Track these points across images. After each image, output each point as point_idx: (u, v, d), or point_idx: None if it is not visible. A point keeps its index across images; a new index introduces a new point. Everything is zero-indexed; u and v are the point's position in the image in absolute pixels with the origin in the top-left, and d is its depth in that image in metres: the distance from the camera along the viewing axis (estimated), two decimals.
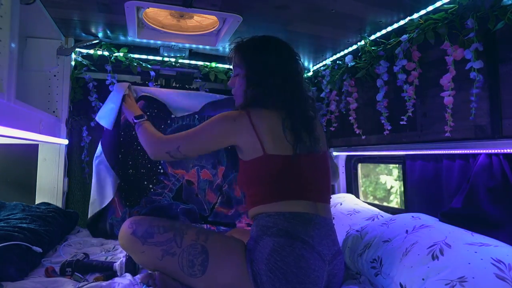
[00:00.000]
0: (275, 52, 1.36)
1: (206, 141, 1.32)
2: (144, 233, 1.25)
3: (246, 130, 1.27)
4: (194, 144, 1.33)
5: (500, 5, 1.26)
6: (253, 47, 1.39)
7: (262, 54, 1.36)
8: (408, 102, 1.73)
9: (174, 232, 1.23)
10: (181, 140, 1.35)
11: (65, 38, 2.14)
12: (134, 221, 1.30)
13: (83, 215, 2.21)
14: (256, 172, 1.28)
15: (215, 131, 1.31)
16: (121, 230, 1.31)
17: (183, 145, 1.33)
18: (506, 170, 1.33)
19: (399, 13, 1.67)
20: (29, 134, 1.54)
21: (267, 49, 1.36)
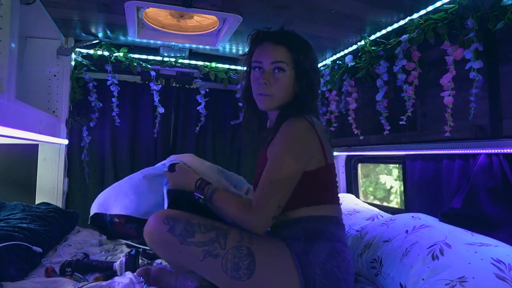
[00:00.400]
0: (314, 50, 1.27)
1: (295, 175, 1.13)
2: (183, 231, 1.10)
3: (315, 142, 1.16)
4: (288, 188, 1.13)
5: (500, 5, 1.26)
6: (305, 42, 1.25)
7: (312, 51, 1.25)
8: (408, 102, 1.72)
9: (216, 232, 1.10)
10: (273, 193, 1.11)
11: (65, 38, 2.14)
12: (169, 216, 1.13)
13: (83, 215, 2.21)
14: (311, 182, 1.17)
15: (301, 160, 1.14)
16: (152, 226, 1.14)
17: (281, 198, 1.12)
18: (506, 170, 1.33)
19: (399, 13, 1.67)
20: (29, 134, 1.54)
21: (311, 46, 1.26)
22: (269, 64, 1.19)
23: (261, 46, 1.23)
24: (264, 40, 1.23)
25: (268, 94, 1.20)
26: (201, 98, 2.42)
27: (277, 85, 1.20)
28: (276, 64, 1.19)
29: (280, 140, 1.15)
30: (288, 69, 1.19)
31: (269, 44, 1.21)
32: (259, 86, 1.21)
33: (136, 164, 2.38)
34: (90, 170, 2.28)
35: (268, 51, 1.21)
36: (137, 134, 2.39)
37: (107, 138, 2.32)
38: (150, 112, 2.37)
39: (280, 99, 1.21)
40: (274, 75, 1.19)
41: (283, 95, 1.21)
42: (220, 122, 2.58)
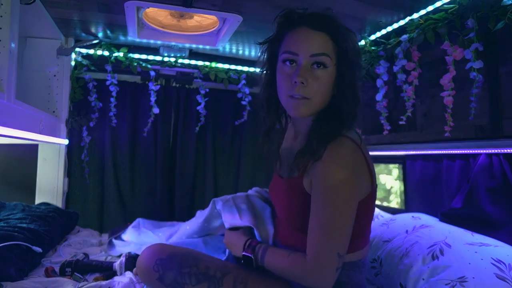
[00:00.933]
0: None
1: (354, 213, 0.92)
2: (173, 281, 0.99)
3: (364, 167, 0.96)
4: (349, 232, 0.91)
5: (500, 5, 1.26)
6: (350, 30, 0.97)
7: (358, 43, 0.98)
8: (408, 102, 1.72)
9: (208, 283, 0.99)
10: (332, 243, 0.90)
11: (65, 38, 2.14)
12: (160, 262, 1.01)
13: (83, 215, 2.21)
14: (358, 213, 0.94)
15: (357, 194, 0.93)
16: (143, 267, 1.04)
17: (342, 245, 0.91)
18: (506, 170, 1.33)
19: (399, 13, 1.67)
20: (29, 134, 1.54)
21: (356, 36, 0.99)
22: (308, 57, 0.91)
23: (296, 32, 0.94)
24: (300, 24, 0.94)
25: (305, 96, 0.92)
26: (201, 98, 2.42)
27: (316, 85, 0.91)
28: (316, 57, 0.90)
29: (329, 173, 0.88)
30: (331, 64, 0.92)
31: (307, 30, 0.92)
32: (292, 86, 0.92)
33: (136, 164, 2.38)
34: (90, 170, 2.28)
35: (306, 40, 0.91)
36: (137, 134, 2.39)
37: (107, 138, 2.32)
38: (150, 112, 2.37)
39: (318, 103, 0.94)
40: (312, 72, 0.91)
41: (322, 99, 0.94)
42: (220, 122, 2.58)
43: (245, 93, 2.47)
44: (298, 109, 0.94)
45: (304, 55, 0.92)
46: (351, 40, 0.95)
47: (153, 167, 2.41)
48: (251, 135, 2.61)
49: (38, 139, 1.73)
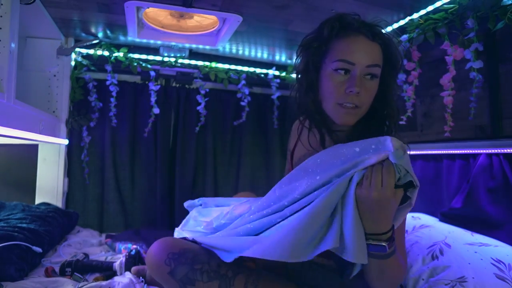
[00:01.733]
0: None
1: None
2: (184, 277, 1.00)
3: None
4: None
5: (500, 5, 1.26)
6: (394, 41, 0.98)
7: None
8: (408, 102, 1.73)
9: (219, 282, 0.99)
10: (404, 245, 1.00)
11: (65, 38, 2.14)
12: (173, 256, 1.01)
13: (83, 215, 2.21)
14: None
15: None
16: (153, 261, 1.03)
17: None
18: (506, 170, 1.33)
19: (399, 13, 1.67)
20: (29, 134, 1.54)
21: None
22: (364, 67, 0.91)
23: (353, 41, 0.93)
24: (359, 32, 0.93)
25: (356, 105, 0.92)
26: (201, 98, 2.42)
27: (368, 95, 0.92)
28: (371, 68, 0.91)
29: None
30: (380, 75, 0.94)
31: (365, 40, 0.92)
32: (345, 95, 0.91)
33: (136, 164, 2.38)
34: (90, 170, 2.28)
35: (363, 50, 0.91)
36: (137, 134, 2.39)
37: (107, 138, 2.32)
38: (150, 112, 2.37)
39: (364, 113, 0.95)
40: (364, 82, 0.91)
41: (368, 106, 0.94)
42: (220, 122, 2.58)
43: (245, 94, 2.47)
44: (348, 118, 0.94)
45: (360, 65, 0.91)
46: (398, 51, 0.97)
47: (153, 167, 2.41)
48: (251, 135, 2.61)
49: (38, 139, 1.73)
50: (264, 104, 2.65)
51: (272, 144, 2.66)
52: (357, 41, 0.92)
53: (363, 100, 0.92)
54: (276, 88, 2.56)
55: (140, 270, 1.33)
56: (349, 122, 0.94)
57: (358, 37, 0.93)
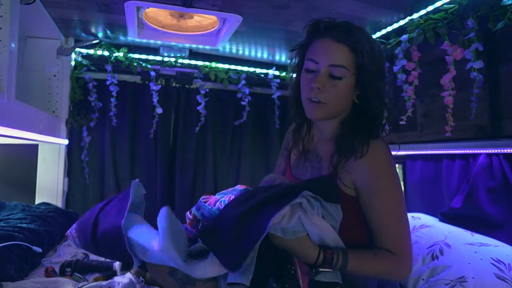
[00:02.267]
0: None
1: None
2: (183, 276, 0.98)
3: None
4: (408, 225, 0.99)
5: (500, 5, 1.26)
6: (373, 41, 1.02)
7: (381, 51, 1.03)
8: (408, 102, 1.73)
9: (219, 281, 0.97)
10: (407, 231, 0.96)
11: (65, 38, 2.14)
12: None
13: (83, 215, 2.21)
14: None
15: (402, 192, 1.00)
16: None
17: (410, 237, 0.97)
18: (506, 170, 1.33)
19: (399, 13, 1.67)
20: (29, 134, 1.54)
21: (380, 45, 1.04)
22: (326, 66, 0.97)
23: (320, 42, 1.00)
24: (324, 34, 1.00)
25: (320, 101, 0.98)
26: (201, 98, 2.42)
27: (333, 92, 0.98)
28: (334, 68, 0.97)
29: (386, 170, 0.97)
30: (348, 74, 0.97)
31: (330, 41, 0.98)
32: (310, 90, 0.99)
33: (136, 164, 2.38)
34: (90, 170, 2.28)
35: (326, 50, 0.98)
36: (137, 134, 2.39)
37: (107, 138, 2.32)
38: (150, 112, 2.37)
39: (335, 109, 1.00)
40: (330, 80, 0.98)
41: (339, 105, 1.00)
42: (220, 122, 2.58)
43: (245, 93, 2.47)
44: (314, 112, 1.01)
45: (323, 64, 0.98)
46: (373, 51, 0.98)
47: (153, 167, 2.41)
48: (251, 135, 2.61)
49: (38, 139, 1.73)
50: (265, 104, 2.65)
51: (272, 144, 2.66)
52: (323, 43, 0.99)
53: (327, 97, 0.98)
54: (276, 88, 2.56)
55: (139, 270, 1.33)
56: (316, 117, 1.02)
57: (325, 39, 0.99)
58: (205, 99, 2.42)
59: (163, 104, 2.39)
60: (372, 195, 0.95)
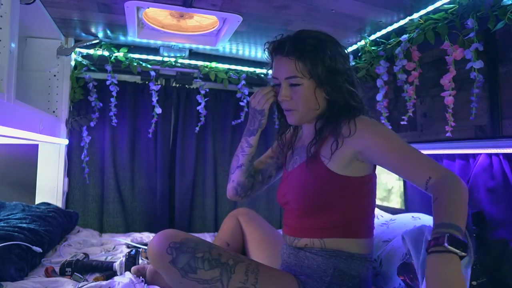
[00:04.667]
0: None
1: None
2: (185, 265, 1.02)
3: None
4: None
5: (500, 5, 1.26)
6: (319, 42, 1.11)
7: (331, 47, 1.11)
8: (408, 102, 1.73)
9: (220, 269, 1.02)
10: (431, 159, 1.00)
11: (65, 38, 2.14)
12: (174, 244, 1.04)
13: (83, 215, 2.21)
14: (358, 192, 1.08)
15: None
16: (155, 251, 1.05)
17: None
18: (506, 170, 1.33)
19: (399, 13, 1.67)
20: (29, 134, 1.54)
21: (329, 41, 1.13)
22: (283, 79, 1.10)
23: (275, 60, 1.14)
24: (276, 53, 1.14)
25: (291, 108, 1.12)
26: (201, 98, 2.42)
27: (297, 99, 1.10)
28: (289, 80, 1.09)
29: (380, 129, 1.05)
30: (304, 80, 1.08)
31: (280, 57, 1.11)
32: (281, 102, 1.14)
33: (136, 164, 2.38)
34: (90, 170, 2.28)
35: (280, 66, 1.11)
36: (137, 134, 2.39)
37: (107, 138, 2.32)
38: (150, 112, 2.37)
39: (306, 111, 1.11)
40: (291, 89, 1.10)
41: (308, 106, 1.10)
42: (220, 122, 2.58)
43: (244, 94, 2.47)
44: (290, 119, 1.15)
45: (281, 79, 1.11)
46: (320, 53, 1.07)
47: (153, 167, 2.41)
48: None
49: (38, 139, 1.73)
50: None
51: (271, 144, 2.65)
52: (277, 60, 1.13)
53: (295, 104, 1.11)
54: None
55: (140, 269, 1.33)
56: (294, 123, 1.15)
57: (277, 56, 1.13)
58: (205, 99, 2.43)
59: (163, 104, 2.39)
60: (386, 148, 1.01)
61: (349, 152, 1.05)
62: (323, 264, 1.06)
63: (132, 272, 1.33)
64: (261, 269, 1.05)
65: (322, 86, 1.08)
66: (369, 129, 1.04)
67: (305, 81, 1.08)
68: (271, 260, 1.26)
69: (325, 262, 1.06)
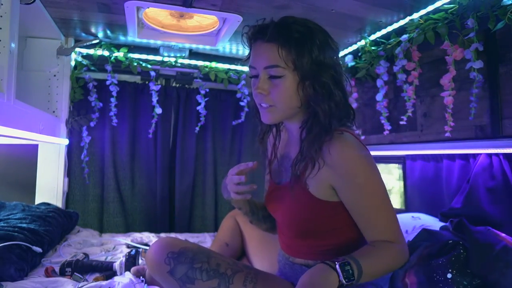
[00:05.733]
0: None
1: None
2: (183, 276, 0.99)
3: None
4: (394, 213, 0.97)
5: (500, 5, 1.26)
6: (308, 29, 0.96)
7: (321, 37, 0.98)
8: (408, 102, 1.73)
9: (219, 280, 0.99)
10: (395, 215, 0.95)
11: (65, 38, 2.14)
12: (172, 255, 1.01)
13: (83, 215, 2.21)
14: (348, 215, 0.98)
15: (378, 171, 0.97)
16: (153, 260, 1.03)
17: (398, 222, 0.96)
18: (506, 170, 1.33)
19: (399, 13, 1.67)
20: (29, 134, 1.54)
21: (319, 31, 0.99)
22: (262, 69, 0.95)
23: (254, 47, 0.99)
24: (256, 38, 0.98)
25: (269, 104, 0.97)
26: (201, 98, 2.42)
27: (276, 93, 0.95)
28: (269, 69, 0.94)
29: (352, 159, 0.92)
30: (287, 71, 0.93)
31: (261, 43, 0.96)
32: (256, 96, 0.99)
33: (136, 164, 2.38)
34: (90, 170, 2.28)
35: (259, 53, 0.96)
36: (137, 134, 2.39)
37: (107, 138, 2.32)
38: (150, 112, 2.37)
39: (284, 109, 0.97)
40: (271, 81, 0.95)
41: (288, 104, 0.96)
42: (220, 122, 2.58)
43: (244, 94, 2.47)
44: (266, 117, 1.00)
45: (260, 68, 0.96)
46: (309, 40, 0.93)
47: (153, 167, 2.41)
48: (251, 135, 2.61)
49: (38, 139, 1.73)
50: None
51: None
52: (255, 46, 0.98)
53: (273, 99, 0.96)
54: None
55: (140, 270, 1.33)
56: (269, 121, 1.00)
57: (256, 42, 0.97)
58: (205, 99, 2.43)
59: (163, 104, 2.39)
60: (353, 192, 0.94)
61: (325, 179, 0.95)
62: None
63: (132, 273, 1.33)
64: (260, 278, 1.02)
65: (305, 82, 0.94)
66: (347, 164, 0.92)
67: (288, 72, 0.93)
68: (271, 259, 1.25)
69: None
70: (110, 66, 2.24)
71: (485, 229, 1.08)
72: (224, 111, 2.58)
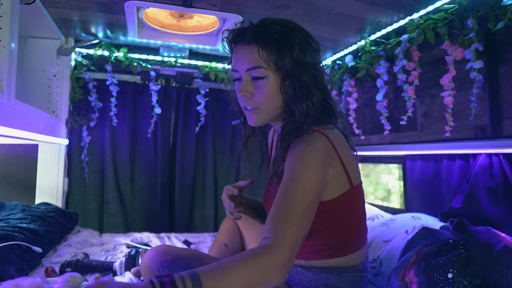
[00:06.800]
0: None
1: (318, 193, 0.89)
2: None
3: (335, 161, 0.94)
4: (313, 211, 0.88)
5: (500, 5, 1.26)
6: (288, 29, 0.97)
7: (301, 37, 0.98)
8: (408, 102, 1.73)
9: None
10: (294, 220, 0.83)
11: (65, 38, 2.14)
12: (166, 264, 0.98)
13: (83, 215, 2.21)
14: (341, 212, 0.98)
15: (321, 174, 0.89)
16: (148, 266, 1.00)
17: (305, 225, 0.85)
18: (506, 170, 1.33)
19: (399, 13, 1.67)
20: (29, 134, 1.54)
21: (300, 31, 0.99)
22: (244, 71, 0.95)
23: (235, 50, 0.99)
24: (236, 41, 0.98)
25: (253, 107, 0.97)
26: (201, 98, 2.42)
27: (260, 95, 0.95)
28: (251, 71, 0.94)
29: (293, 156, 0.91)
30: (269, 72, 0.93)
31: (241, 46, 0.96)
32: (241, 99, 0.99)
33: (136, 164, 2.39)
34: (90, 170, 2.28)
35: (240, 55, 0.96)
36: (137, 134, 2.40)
37: (107, 138, 2.32)
38: (150, 112, 2.37)
39: (269, 111, 0.97)
40: (254, 83, 0.95)
41: (271, 105, 0.96)
42: (220, 122, 2.58)
43: None
44: (252, 120, 1.00)
45: (242, 71, 0.96)
46: (289, 41, 0.93)
47: (153, 167, 2.41)
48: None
49: (38, 139, 1.73)
50: None
51: None
52: (236, 49, 0.98)
53: (257, 101, 0.96)
54: None
55: (139, 270, 1.33)
56: (255, 123, 1.00)
57: (237, 45, 0.98)
58: (205, 99, 2.43)
59: (163, 104, 2.39)
60: (281, 184, 0.89)
61: None
62: (313, 281, 1.01)
63: (131, 273, 1.33)
64: None
65: (286, 81, 0.93)
66: (289, 158, 0.91)
67: (270, 73, 0.93)
68: None
69: (315, 278, 1.00)
70: (110, 66, 2.24)
71: (485, 229, 1.08)
72: (224, 111, 2.58)
